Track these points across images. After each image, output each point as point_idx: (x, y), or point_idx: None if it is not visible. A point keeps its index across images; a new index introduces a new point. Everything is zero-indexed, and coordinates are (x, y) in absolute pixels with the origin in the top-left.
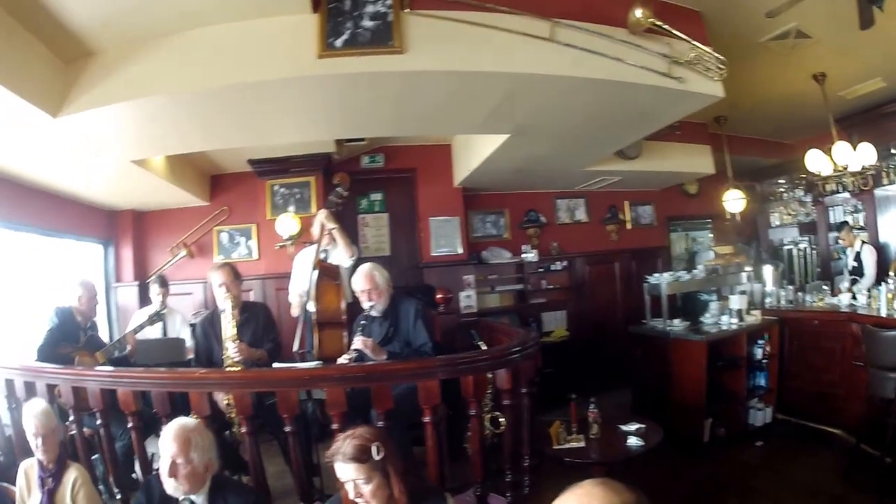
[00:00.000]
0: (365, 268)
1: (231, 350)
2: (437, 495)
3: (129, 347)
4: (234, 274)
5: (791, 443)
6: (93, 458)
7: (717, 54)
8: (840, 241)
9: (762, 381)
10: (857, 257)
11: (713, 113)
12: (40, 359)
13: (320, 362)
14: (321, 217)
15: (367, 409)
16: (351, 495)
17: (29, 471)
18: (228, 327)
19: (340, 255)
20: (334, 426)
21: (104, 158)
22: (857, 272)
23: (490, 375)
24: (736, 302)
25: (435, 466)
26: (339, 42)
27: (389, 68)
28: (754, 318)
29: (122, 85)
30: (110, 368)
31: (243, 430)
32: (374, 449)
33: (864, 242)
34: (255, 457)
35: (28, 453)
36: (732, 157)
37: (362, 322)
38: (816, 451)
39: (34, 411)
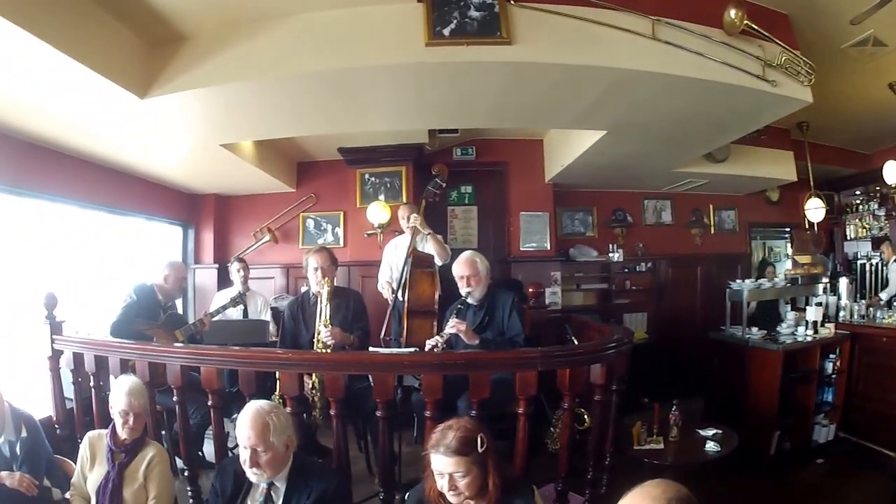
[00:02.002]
0: (467, 254)
1: (323, 334)
2: (524, 487)
3: (198, 327)
4: (332, 259)
5: (849, 463)
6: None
7: (805, 59)
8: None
9: (829, 397)
10: None
11: (796, 119)
12: (114, 334)
13: (416, 349)
14: (415, 222)
15: (454, 398)
16: (444, 488)
17: (95, 442)
18: (323, 311)
19: (431, 251)
20: (427, 414)
21: (191, 141)
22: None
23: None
24: (812, 314)
25: (523, 458)
26: (446, 31)
27: (497, 59)
28: (828, 331)
29: (217, 68)
30: (195, 346)
31: (332, 412)
32: (478, 441)
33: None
34: (342, 440)
35: (88, 427)
36: (812, 165)
37: (458, 307)
38: (871, 473)
39: (128, 389)
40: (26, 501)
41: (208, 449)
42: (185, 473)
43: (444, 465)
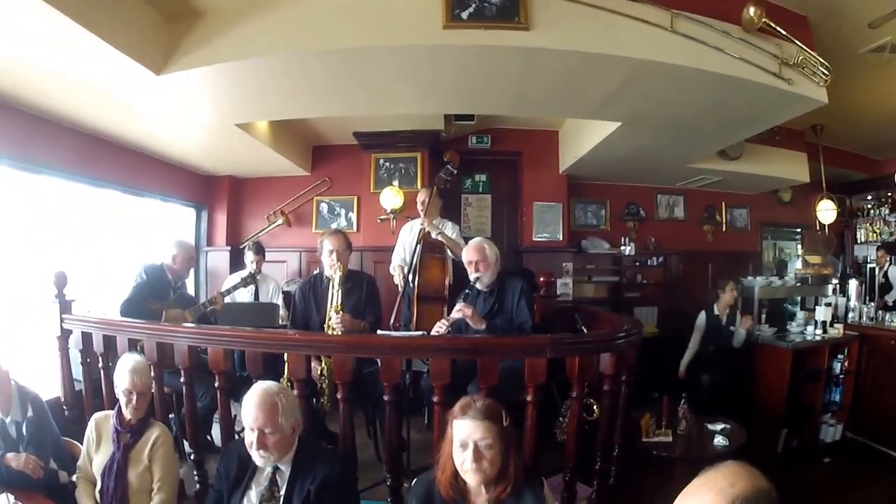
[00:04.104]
0: (476, 240)
1: (334, 320)
2: (534, 479)
3: (212, 307)
4: (347, 243)
5: (856, 463)
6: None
7: (822, 60)
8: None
9: (836, 397)
10: (886, 275)
11: (811, 121)
12: (124, 313)
13: (424, 333)
14: (425, 224)
15: (463, 385)
16: (468, 461)
17: (101, 423)
18: (334, 296)
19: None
20: (435, 399)
21: (206, 120)
22: (885, 289)
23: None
24: (822, 313)
25: (532, 448)
26: (465, 14)
27: (514, 44)
28: (836, 331)
29: (234, 44)
30: (203, 326)
31: (338, 395)
32: (503, 415)
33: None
34: (348, 425)
35: (98, 409)
36: (825, 167)
37: (466, 292)
38: (879, 475)
39: (132, 367)
40: (32, 483)
41: (217, 433)
42: (192, 457)
43: (471, 430)
